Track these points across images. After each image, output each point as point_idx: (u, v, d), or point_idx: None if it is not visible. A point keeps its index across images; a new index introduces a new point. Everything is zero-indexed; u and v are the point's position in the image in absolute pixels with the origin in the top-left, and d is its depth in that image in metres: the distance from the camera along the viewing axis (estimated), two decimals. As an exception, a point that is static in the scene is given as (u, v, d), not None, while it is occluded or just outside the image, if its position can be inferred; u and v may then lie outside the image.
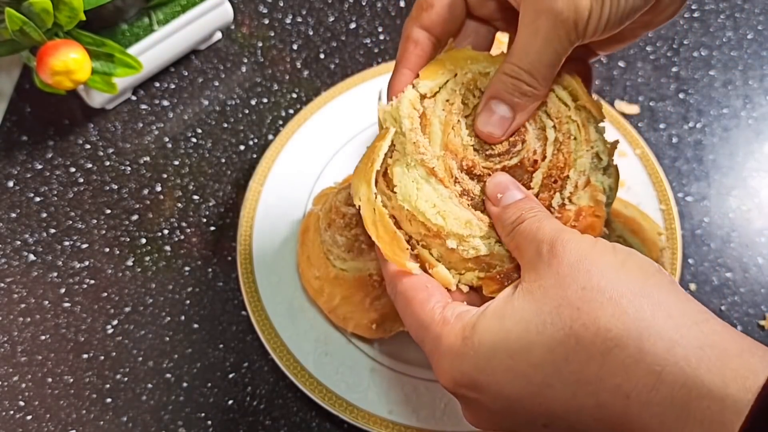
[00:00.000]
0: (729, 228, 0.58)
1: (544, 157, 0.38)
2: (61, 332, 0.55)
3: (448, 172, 0.38)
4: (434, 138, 0.39)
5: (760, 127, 0.64)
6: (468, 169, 0.38)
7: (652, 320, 0.29)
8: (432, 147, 0.38)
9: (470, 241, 0.37)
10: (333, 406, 0.48)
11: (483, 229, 0.37)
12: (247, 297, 0.53)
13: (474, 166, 0.38)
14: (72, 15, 0.55)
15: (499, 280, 0.37)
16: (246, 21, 0.73)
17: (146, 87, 0.68)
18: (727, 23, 0.71)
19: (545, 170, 0.38)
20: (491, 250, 0.37)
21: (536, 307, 0.32)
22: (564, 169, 0.38)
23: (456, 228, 0.37)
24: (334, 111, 0.62)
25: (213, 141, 0.65)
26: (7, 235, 0.60)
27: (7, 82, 0.69)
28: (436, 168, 0.38)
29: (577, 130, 0.38)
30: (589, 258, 0.32)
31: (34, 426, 0.51)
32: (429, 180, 0.38)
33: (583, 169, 0.38)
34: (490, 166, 0.38)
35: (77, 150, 0.65)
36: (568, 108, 0.39)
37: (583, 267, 0.32)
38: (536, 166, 0.38)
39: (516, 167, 0.38)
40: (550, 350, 0.31)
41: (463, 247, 0.37)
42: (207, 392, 0.52)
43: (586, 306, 0.30)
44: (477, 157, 0.38)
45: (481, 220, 0.37)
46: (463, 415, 0.36)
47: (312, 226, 0.52)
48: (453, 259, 0.38)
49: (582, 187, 0.38)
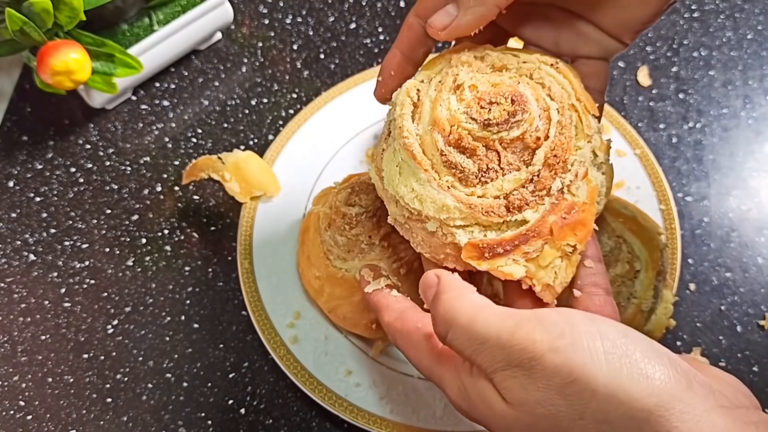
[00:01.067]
0: (729, 228, 0.58)
1: (547, 137, 0.37)
2: (62, 332, 0.55)
3: (433, 149, 0.37)
4: (424, 117, 0.38)
5: (760, 127, 0.64)
6: (456, 143, 0.37)
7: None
8: (421, 125, 0.38)
9: (450, 223, 0.37)
10: (333, 406, 0.48)
11: (462, 212, 0.36)
12: (247, 297, 0.53)
13: (461, 138, 0.37)
14: (72, 15, 0.55)
15: (480, 250, 0.37)
16: (246, 21, 0.73)
17: (146, 87, 0.68)
18: (727, 23, 0.71)
19: (548, 149, 0.37)
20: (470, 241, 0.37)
21: (527, 430, 0.31)
22: (566, 152, 0.37)
23: (433, 212, 0.37)
24: (335, 111, 0.62)
25: (213, 141, 0.65)
26: (7, 235, 0.60)
27: (8, 82, 0.69)
28: (415, 151, 0.37)
29: (578, 119, 0.38)
30: (579, 378, 0.29)
31: (34, 426, 0.51)
32: (410, 164, 0.37)
33: (584, 160, 0.37)
34: (487, 136, 0.37)
35: (77, 150, 0.65)
36: (569, 96, 0.38)
37: (576, 393, 0.29)
38: (539, 143, 0.37)
39: (515, 141, 0.37)
40: None
41: (443, 232, 0.37)
42: (207, 392, 0.52)
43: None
44: (473, 126, 0.37)
45: (461, 202, 0.36)
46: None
47: (312, 226, 0.53)
48: (434, 244, 0.38)
49: (581, 177, 0.37)
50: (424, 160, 0.37)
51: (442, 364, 0.35)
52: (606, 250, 0.48)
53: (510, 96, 0.37)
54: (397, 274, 0.49)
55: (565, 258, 0.37)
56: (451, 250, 0.38)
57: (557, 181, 0.37)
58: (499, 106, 0.37)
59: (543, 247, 0.37)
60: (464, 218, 0.37)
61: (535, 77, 0.39)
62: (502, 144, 0.37)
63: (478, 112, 0.37)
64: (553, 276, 0.37)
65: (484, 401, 0.32)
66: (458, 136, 0.37)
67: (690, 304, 0.55)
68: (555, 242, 0.37)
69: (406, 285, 0.49)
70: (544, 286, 0.37)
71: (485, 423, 0.33)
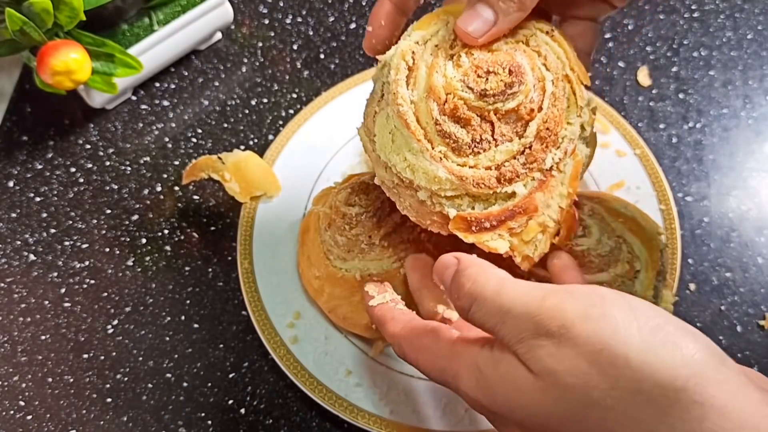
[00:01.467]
0: (729, 228, 0.58)
1: (541, 108, 0.37)
2: (62, 332, 0.55)
3: (427, 117, 0.37)
4: (419, 83, 0.38)
5: (760, 127, 0.64)
6: (451, 112, 0.37)
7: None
8: (416, 92, 0.37)
9: (441, 194, 0.37)
10: (333, 406, 0.48)
11: (453, 184, 0.36)
12: (247, 297, 0.53)
13: (457, 108, 0.36)
14: (72, 15, 0.55)
15: (468, 222, 0.37)
16: (246, 21, 0.73)
17: (146, 87, 0.68)
18: (727, 23, 0.71)
19: (541, 122, 0.37)
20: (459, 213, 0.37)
21: (558, 404, 0.29)
22: (558, 125, 0.37)
23: (424, 183, 0.37)
24: (335, 111, 0.62)
25: (213, 141, 0.65)
26: (7, 235, 0.60)
27: (8, 82, 0.70)
28: (410, 121, 0.37)
29: (571, 91, 0.38)
30: (611, 345, 0.28)
31: (34, 426, 0.51)
32: (403, 132, 0.37)
33: (573, 137, 0.37)
34: (482, 106, 0.37)
35: (77, 150, 0.65)
36: (563, 66, 0.38)
37: (608, 360, 0.28)
38: (533, 115, 0.37)
39: (510, 113, 0.37)
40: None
41: (432, 202, 0.37)
42: (207, 392, 0.52)
43: (621, 407, 0.28)
44: (469, 95, 0.37)
45: (452, 174, 0.36)
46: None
47: (312, 226, 0.53)
48: (422, 211, 0.39)
49: (569, 155, 0.37)
50: (417, 130, 0.37)
51: (456, 358, 0.34)
52: (606, 250, 0.48)
53: (508, 66, 0.37)
54: (397, 274, 0.49)
55: (546, 232, 0.38)
56: (438, 217, 0.38)
57: (549, 158, 0.37)
58: (497, 77, 0.37)
59: (527, 223, 0.37)
60: (455, 189, 0.37)
61: (531, 44, 0.39)
62: (497, 115, 0.37)
63: (475, 81, 0.37)
64: (534, 249, 0.38)
65: (507, 380, 0.31)
66: (454, 105, 0.36)
67: (690, 304, 0.55)
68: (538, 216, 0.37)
69: (406, 285, 0.49)
70: (523, 257, 0.38)
71: (509, 407, 0.31)
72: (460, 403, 0.48)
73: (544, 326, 0.29)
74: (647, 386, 0.27)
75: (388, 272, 0.49)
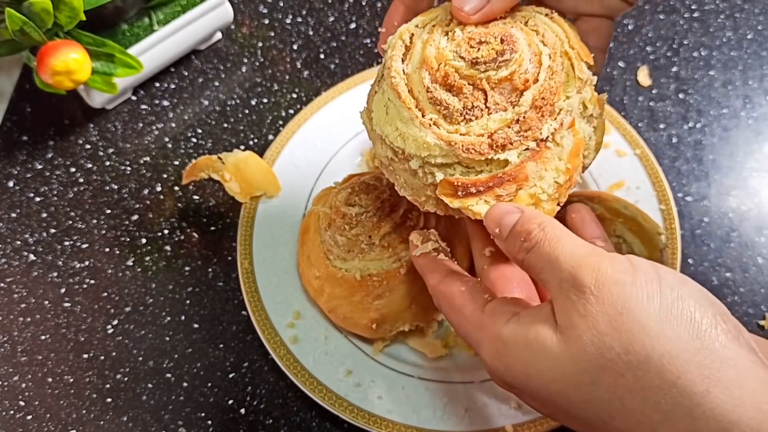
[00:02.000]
0: (728, 228, 0.58)
1: (537, 80, 0.37)
2: (62, 332, 0.55)
3: (420, 86, 0.37)
4: (414, 57, 0.38)
5: (759, 127, 0.64)
6: (442, 80, 0.37)
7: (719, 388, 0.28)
8: (410, 65, 0.38)
9: (432, 161, 0.37)
10: (333, 406, 0.48)
11: (443, 150, 0.37)
12: (247, 297, 0.53)
13: (448, 75, 0.37)
14: (72, 15, 0.55)
15: (454, 187, 0.37)
16: (246, 21, 0.73)
17: (146, 87, 0.68)
18: (727, 23, 0.71)
19: (537, 92, 0.37)
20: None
21: (574, 363, 0.31)
22: (554, 95, 0.37)
23: (414, 150, 0.37)
24: (335, 111, 0.62)
25: (213, 141, 0.65)
26: (7, 235, 0.60)
27: (8, 82, 0.70)
28: (400, 89, 0.37)
29: (570, 67, 0.38)
30: (632, 310, 0.29)
31: (34, 426, 0.51)
32: (396, 103, 0.38)
33: (571, 109, 0.37)
34: (474, 74, 0.37)
35: (77, 150, 0.65)
36: (562, 44, 0.38)
37: (626, 325, 0.29)
38: (527, 85, 0.37)
39: (503, 82, 0.37)
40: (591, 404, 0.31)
41: (424, 172, 0.38)
42: (207, 392, 0.52)
43: (630, 374, 0.29)
44: (461, 63, 0.37)
45: (441, 139, 0.36)
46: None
47: (312, 225, 0.53)
48: (416, 186, 0.39)
49: (567, 126, 0.37)
50: (408, 99, 0.37)
51: (481, 328, 0.36)
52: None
53: (500, 36, 0.37)
54: (397, 274, 0.49)
55: (539, 205, 0.37)
56: (432, 192, 0.38)
57: (545, 128, 0.37)
58: (488, 46, 0.37)
59: (516, 192, 0.37)
60: (445, 156, 0.37)
61: (529, 24, 0.39)
62: (489, 83, 0.37)
63: (467, 51, 0.37)
64: None
65: (534, 346, 0.32)
66: (445, 73, 0.37)
67: (690, 304, 0.55)
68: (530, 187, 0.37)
69: (406, 284, 0.49)
70: None
71: (526, 375, 0.33)
72: (460, 403, 0.48)
73: (580, 279, 0.31)
74: (657, 355, 0.28)
75: (388, 272, 0.49)
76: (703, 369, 0.28)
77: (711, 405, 0.28)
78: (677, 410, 0.28)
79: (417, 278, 0.49)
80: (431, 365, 0.51)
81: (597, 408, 0.31)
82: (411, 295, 0.49)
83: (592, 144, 0.40)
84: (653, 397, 0.29)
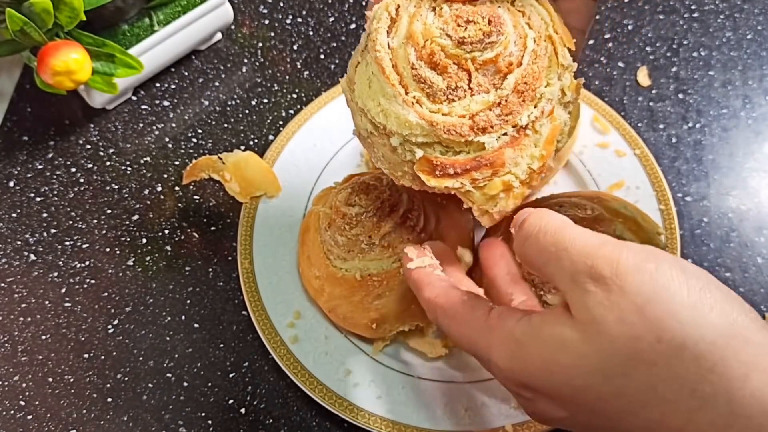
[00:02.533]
0: (728, 228, 0.59)
1: (520, 64, 0.37)
2: (62, 332, 0.55)
3: (404, 62, 0.37)
4: (400, 31, 0.38)
5: (759, 127, 0.64)
6: (428, 57, 0.37)
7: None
8: (396, 39, 0.38)
9: (413, 140, 0.37)
10: (333, 405, 0.49)
11: (424, 129, 0.37)
12: (248, 297, 0.53)
13: (433, 53, 0.37)
14: (72, 15, 0.55)
15: (432, 166, 0.37)
16: (246, 21, 0.73)
17: (147, 87, 0.68)
18: (727, 23, 0.71)
19: (519, 76, 0.37)
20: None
21: (601, 356, 0.30)
22: (537, 80, 0.37)
23: (396, 127, 0.37)
24: (335, 111, 0.62)
25: (213, 141, 0.65)
26: (7, 235, 0.60)
27: (8, 83, 0.70)
28: (385, 65, 0.37)
29: (553, 52, 0.38)
30: (660, 298, 0.29)
31: (34, 426, 0.51)
32: (379, 78, 0.37)
33: (551, 97, 0.37)
34: (460, 54, 0.37)
35: (78, 150, 0.65)
36: (547, 27, 0.38)
37: (656, 313, 0.28)
38: (511, 68, 0.37)
39: (488, 63, 0.37)
40: (620, 397, 0.30)
41: (404, 149, 0.38)
42: (207, 392, 0.52)
43: (664, 362, 0.28)
44: (447, 42, 0.37)
45: (423, 118, 0.36)
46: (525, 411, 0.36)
47: (312, 225, 0.53)
48: (393, 161, 0.39)
49: (546, 114, 0.37)
50: (392, 75, 0.37)
51: (490, 332, 0.34)
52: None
53: (488, 16, 0.37)
54: (397, 274, 0.49)
55: (509, 192, 0.38)
56: (409, 168, 0.38)
57: (524, 115, 0.37)
58: (476, 26, 0.37)
59: (492, 177, 0.37)
60: (426, 135, 0.37)
61: (516, 5, 0.39)
62: (474, 64, 0.37)
63: (454, 29, 0.37)
64: (494, 204, 0.38)
65: (551, 343, 0.31)
66: (431, 51, 0.37)
67: (689, 304, 0.55)
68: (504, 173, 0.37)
69: (406, 284, 0.49)
70: (481, 211, 0.38)
71: (547, 372, 0.31)
72: (460, 403, 0.49)
73: (598, 270, 0.29)
74: (692, 342, 0.28)
75: (388, 272, 0.49)
76: (740, 355, 0.28)
77: (751, 389, 0.27)
78: (715, 397, 0.28)
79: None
80: (431, 365, 0.51)
81: (627, 400, 0.30)
82: (411, 295, 0.49)
83: (567, 129, 0.40)
84: (689, 385, 0.28)
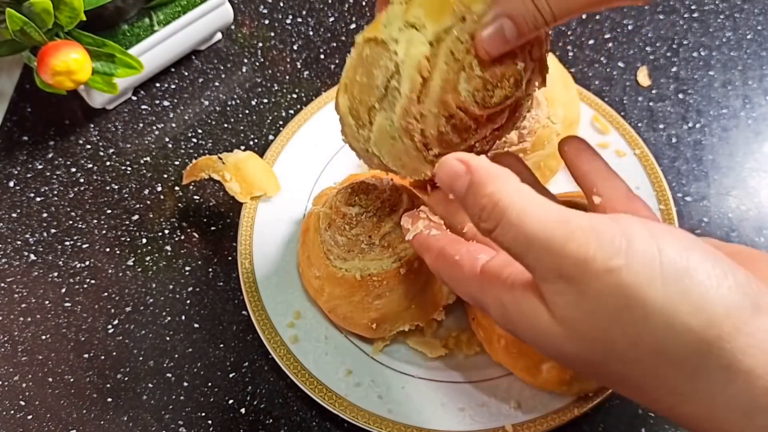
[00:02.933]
0: (728, 228, 0.59)
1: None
2: (62, 332, 0.55)
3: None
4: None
5: (759, 127, 0.64)
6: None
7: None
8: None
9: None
10: (333, 405, 0.49)
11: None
12: (248, 297, 0.53)
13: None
14: (72, 15, 0.55)
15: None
16: (246, 21, 0.73)
17: (147, 87, 0.68)
18: (727, 23, 0.71)
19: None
20: None
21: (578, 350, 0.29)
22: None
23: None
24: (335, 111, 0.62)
25: (213, 141, 0.65)
26: (7, 235, 0.60)
27: (8, 83, 0.70)
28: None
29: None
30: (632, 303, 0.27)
31: (34, 425, 0.51)
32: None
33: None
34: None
35: (78, 150, 0.65)
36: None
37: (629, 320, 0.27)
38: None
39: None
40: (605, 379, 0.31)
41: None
42: (207, 392, 0.52)
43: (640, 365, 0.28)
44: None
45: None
46: None
47: (312, 226, 0.53)
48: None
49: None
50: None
51: (483, 291, 0.34)
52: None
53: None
54: (397, 274, 0.49)
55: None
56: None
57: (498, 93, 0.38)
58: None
59: None
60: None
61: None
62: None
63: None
64: None
65: (529, 319, 0.30)
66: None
67: (689, 304, 0.55)
68: None
69: (406, 284, 0.49)
70: None
71: (533, 342, 0.31)
72: (460, 403, 0.49)
73: (566, 271, 0.28)
74: (669, 347, 0.27)
75: (388, 272, 0.49)
76: (721, 360, 0.26)
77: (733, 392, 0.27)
78: (698, 392, 0.27)
79: (417, 278, 0.49)
80: (431, 365, 0.51)
81: (612, 380, 0.30)
82: (411, 295, 0.49)
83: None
84: (671, 383, 0.28)
